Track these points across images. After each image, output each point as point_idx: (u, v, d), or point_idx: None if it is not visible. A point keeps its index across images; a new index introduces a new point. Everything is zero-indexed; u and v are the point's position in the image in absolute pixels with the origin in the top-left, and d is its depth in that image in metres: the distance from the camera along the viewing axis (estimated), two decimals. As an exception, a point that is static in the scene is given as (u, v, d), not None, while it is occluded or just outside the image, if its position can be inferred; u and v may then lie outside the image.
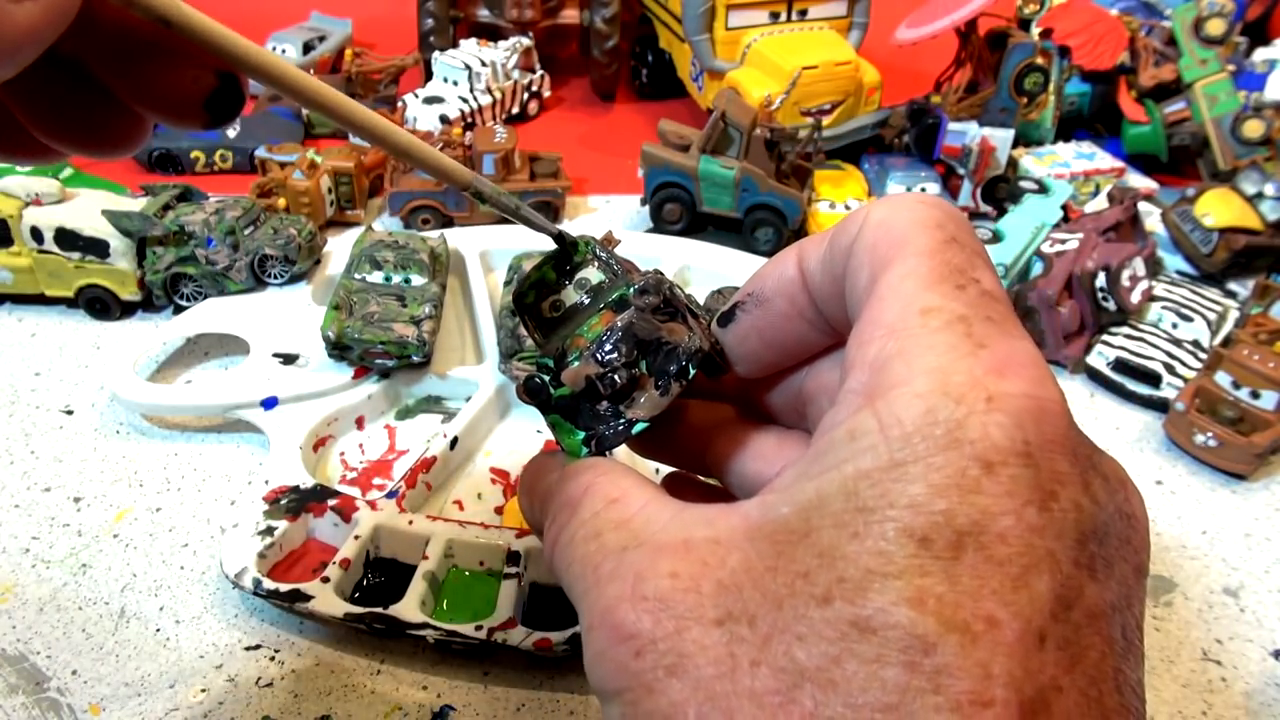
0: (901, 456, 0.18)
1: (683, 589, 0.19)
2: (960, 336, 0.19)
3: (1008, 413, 0.18)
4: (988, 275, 0.21)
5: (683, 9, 0.83)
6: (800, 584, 0.18)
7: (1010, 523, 0.17)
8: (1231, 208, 0.71)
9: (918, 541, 0.17)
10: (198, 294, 0.64)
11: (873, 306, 0.20)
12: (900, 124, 0.83)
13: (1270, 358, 0.55)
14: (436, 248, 0.64)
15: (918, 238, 0.21)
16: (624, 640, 0.20)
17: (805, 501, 0.19)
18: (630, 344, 0.25)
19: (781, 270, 0.25)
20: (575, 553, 0.23)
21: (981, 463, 0.18)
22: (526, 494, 0.27)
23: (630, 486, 0.23)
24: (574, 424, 0.26)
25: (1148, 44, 0.87)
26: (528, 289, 0.29)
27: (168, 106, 0.22)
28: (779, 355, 0.26)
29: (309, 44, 0.98)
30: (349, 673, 0.43)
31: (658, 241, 0.71)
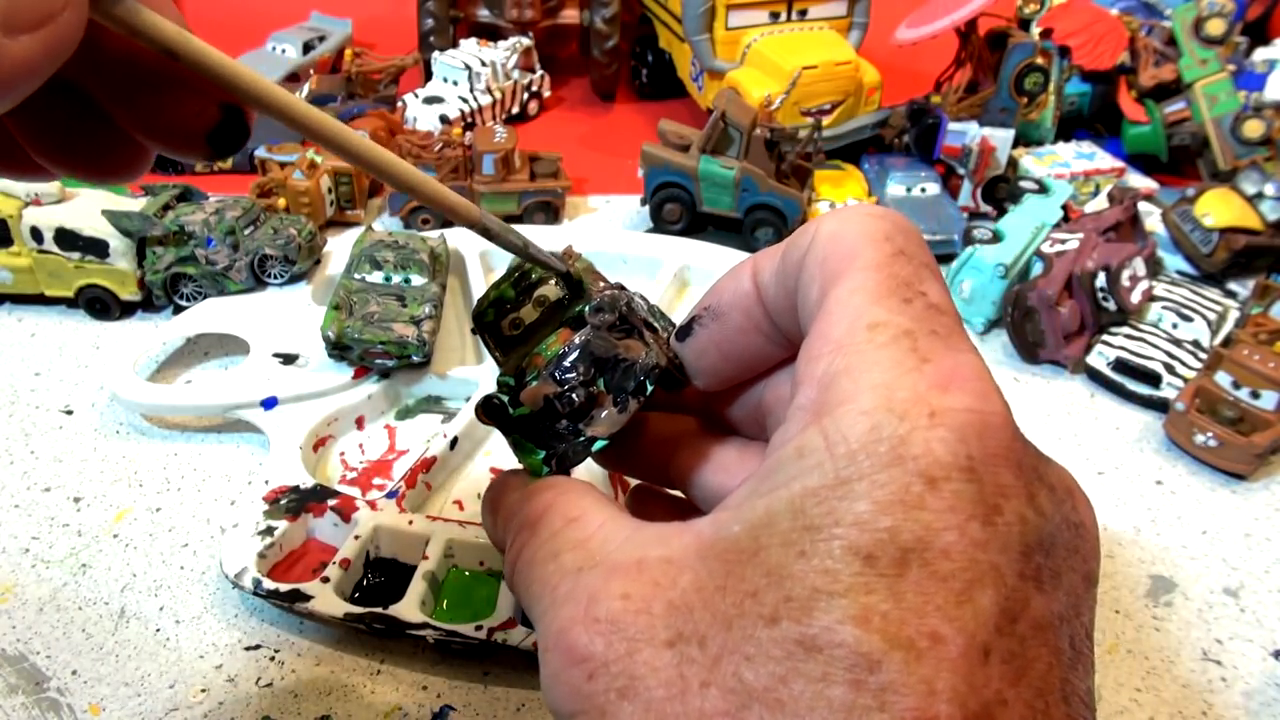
0: (847, 474, 0.18)
1: (634, 610, 0.19)
2: (905, 352, 0.19)
3: (950, 427, 0.18)
4: (935, 288, 0.21)
5: (683, 9, 0.83)
6: (749, 603, 0.18)
7: (954, 538, 0.17)
8: (1231, 208, 0.71)
9: (863, 559, 0.17)
10: (198, 294, 0.64)
11: (821, 321, 0.20)
12: (900, 124, 0.83)
13: (1270, 358, 0.55)
14: (436, 248, 0.64)
15: (866, 251, 0.21)
16: (577, 663, 0.20)
17: (755, 520, 0.19)
18: (587, 362, 0.25)
19: (737, 284, 0.25)
20: (534, 573, 0.23)
21: (925, 478, 0.18)
22: (490, 512, 0.28)
23: (589, 506, 0.23)
24: (535, 443, 0.27)
25: (1148, 44, 0.87)
26: (487, 307, 0.29)
27: (170, 138, 0.22)
28: (737, 368, 0.26)
29: (309, 44, 0.98)
30: (349, 673, 0.43)
31: (658, 241, 0.71)
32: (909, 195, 0.77)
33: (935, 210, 0.75)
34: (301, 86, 0.91)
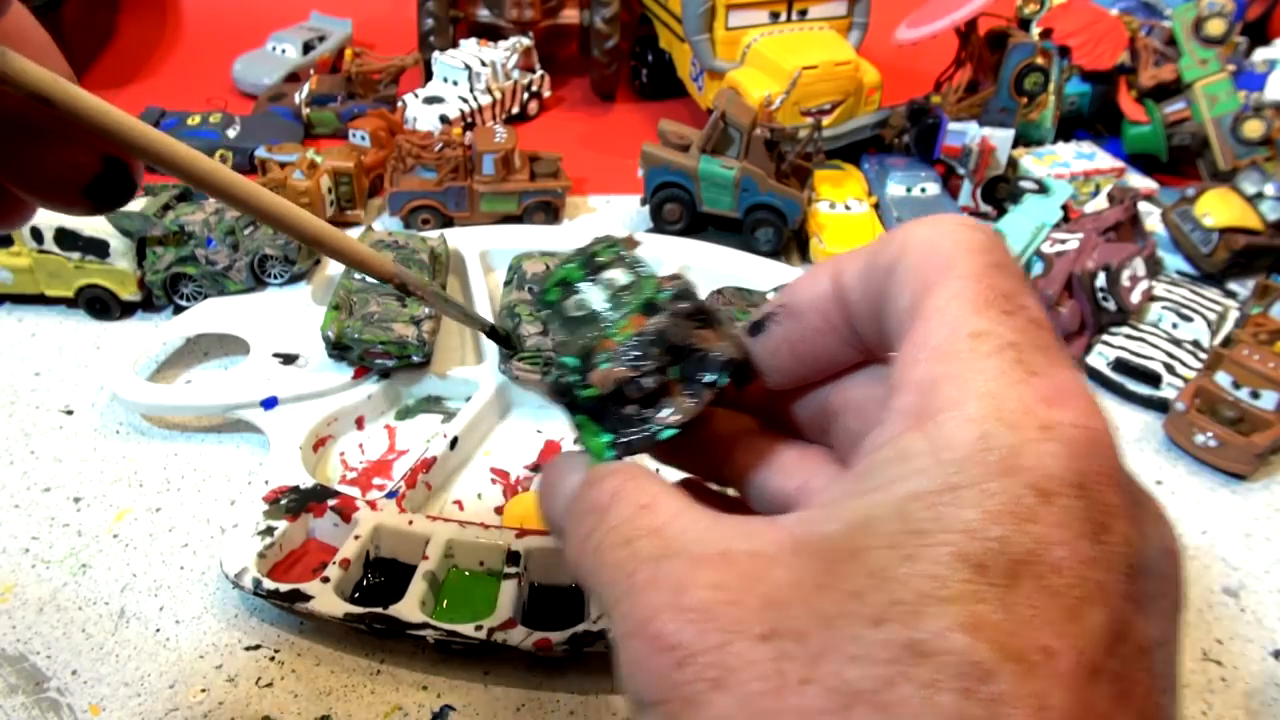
0: (955, 480, 0.18)
1: (726, 601, 0.19)
2: (1011, 363, 0.19)
3: (1062, 442, 0.18)
4: (1033, 302, 0.21)
5: (683, 9, 0.83)
6: (851, 604, 0.18)
7: (1064, 554, 0.17)
8: (1231, 208, 0.71)
9: (972, 567, 0.17)
10: (198, 294, 0.64)
11: (918, 328, 0.20)
12: (900, 124, 0.83)
13: (1270, 358, 0.55)
14: (436, 248, 0.64)
15: (964, 260, 0.21)
16: (664, 650, 0.19)
17: (853, 520, 0.19)
18: (662, 348, 0.25)
19: (816, 284, 0.24)
20: (605, 558, 0.22)
21: (1036, 491, 0.17)
22: (548, 494, 0.27)
23: (659, 493, 0.23)
24: (600, 426, 0.26)
25: (1148, 44, 0.87)
26: (551, 286, 0.28)
27: (45, 189, 0.21)
28: (808, 368, 0.26)
29: (309, 44, 0.98)
30: (349, 673, 0.43)
31: (658, 241, 0.71)
32: (909, 195, 0.77)
33: (935, 210, 0.75)
34: (302, 86, 0.91)
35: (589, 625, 0.42)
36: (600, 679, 0.43)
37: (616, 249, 0.28)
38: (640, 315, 0.26)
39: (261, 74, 0.95)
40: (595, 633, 0.42)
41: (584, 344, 0.27)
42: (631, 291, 0.27)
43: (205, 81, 0.98)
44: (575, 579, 0.24)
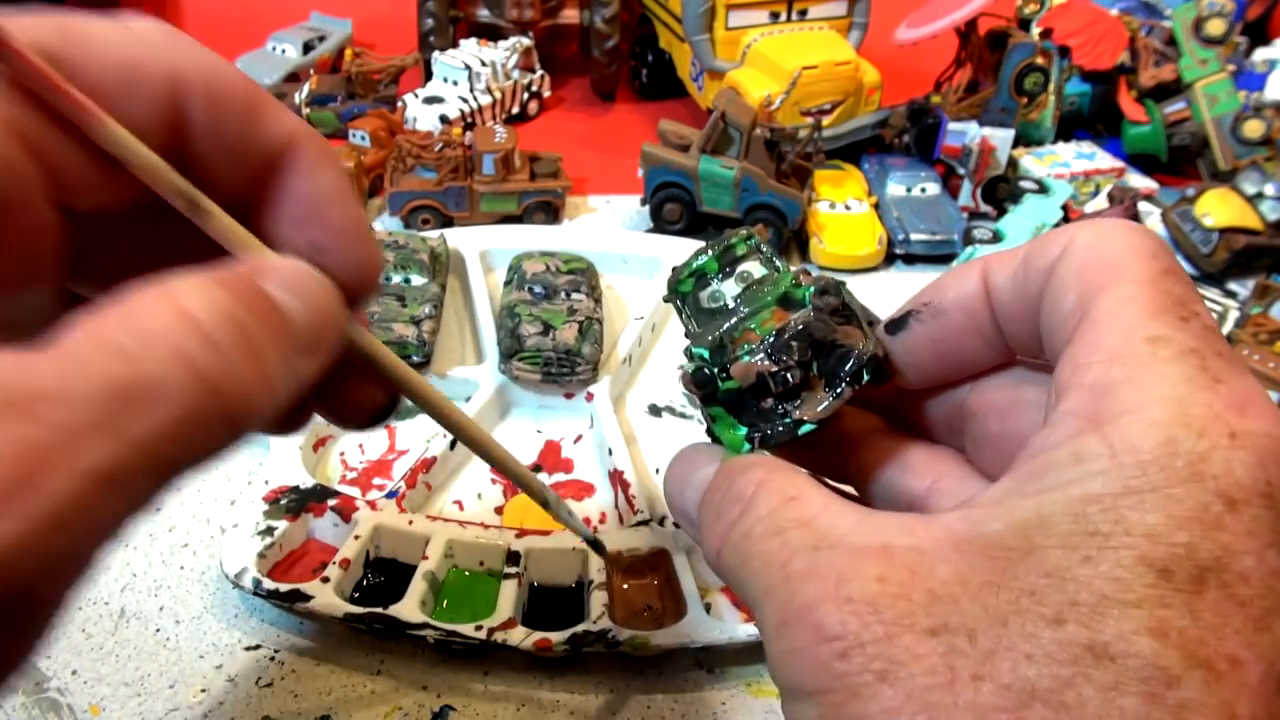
0: (1136, 484, 0.18)
1: (891, 594, 0.19)
2: (1196, 369, 0.19)
3: (1251, 451, 0.18)
4: (1204, 310, 0.21)
5: (683, 9, 0.83)
6: (1027, 602, 0.18)
7: (1252, 563, 0.17)
8: (1231, 208, 0.71)
9: (1157, 572, 0.17)
10: (198, 294, 0.64)
11: (1088, 331, 0.20)
12: (900, 124, 0.83)
13: (1270, 358, 0.55)
14: (436, 248, 0.64)
15: (1134, 265, 0.20)
16: (827, 640, 0.19)
17: (1023, 519, 0.19)
18: (805, 342, 0.25)
19: (963, 283, 0.24)
20: (754, 548, 0.22)
21: (1224, 499, 0.17)
22: (677, 485, 0.27)
23: (805, 486, 0.23)
24: (737, 419, 0.26)
25: (1148, 44, 0.87)
26: (685, 277, 0.29)
27: (345, 415, 0.26)
28: (946, 369, 0.26)
29: (309, 44, 0.98)
30: (349, 673, 0.43)
31: (658, 241, 0.71)
32: (909, 195, 0.77)
33: (935, 210, 0.75)
34: (302, 86, 0.91)
35: (589, 625, 0.42)
36: (600, 679, 0.43)
37: (753, 241, 0.28)
38: (780, 309, 0.26)
39: (261, 74, 0.95)
40: (595, 633, 0.42)
41: (719, 336, 0.26)
42: (767, 285, 0.27)
43: (205, 81, 0.97)
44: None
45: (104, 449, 0.16)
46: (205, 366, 0.17)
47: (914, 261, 0.74)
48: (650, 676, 0.43)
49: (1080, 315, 0.21)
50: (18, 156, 0.19)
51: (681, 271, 0.29)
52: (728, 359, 0.26)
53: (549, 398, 0.58)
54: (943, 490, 0.26)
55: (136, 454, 0.16)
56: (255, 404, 0.18)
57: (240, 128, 0.22)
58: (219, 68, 0.22)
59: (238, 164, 0.22)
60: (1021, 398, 0.25)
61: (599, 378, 0.58)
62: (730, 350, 0.26)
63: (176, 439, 0.17)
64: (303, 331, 0.20)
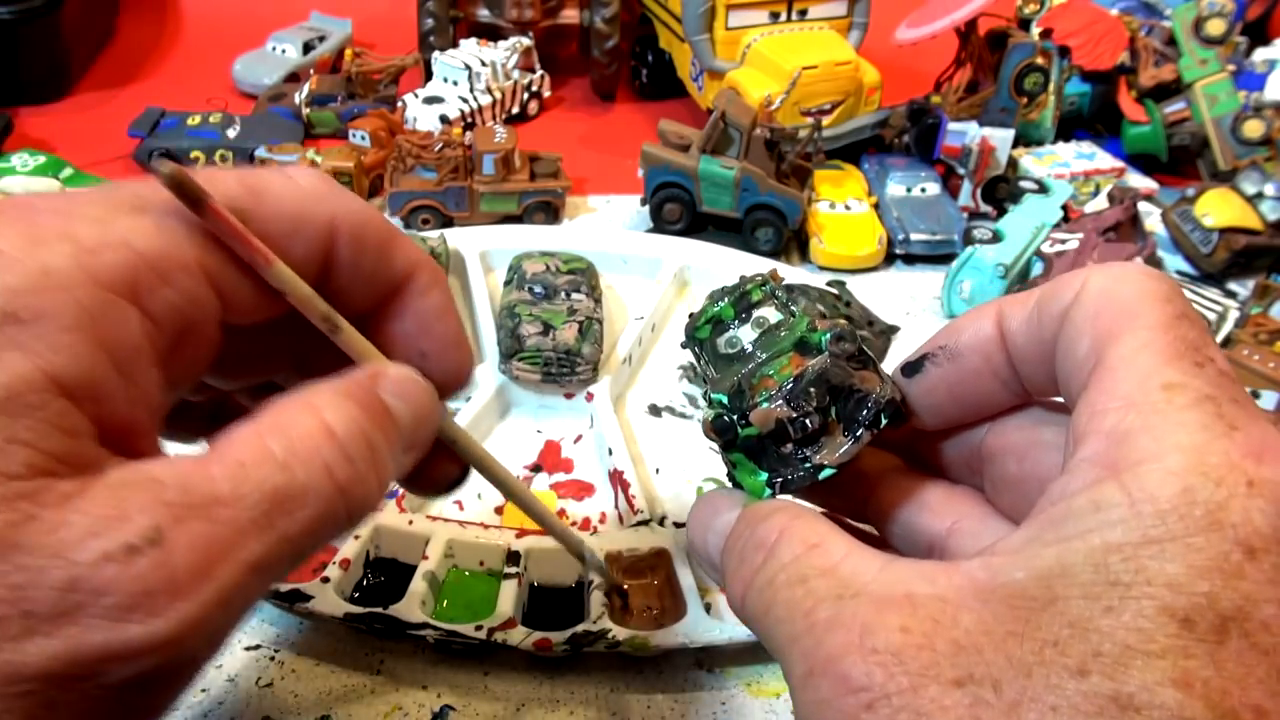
0: (1156, 534, 0.18)
1: (916, 645, 0.19)
2: (1211, 416, 0.19)
3: (1269, 499, 0.18)
4: (1219, 355, 0.21)
5: (683, 9, 0.83)
6: (1050, 653, 0.18)
7: (1274, 611, 0.17)
8: (1231, 208, 0.71)
9: (1179, 622, 0.17)
10: (198, 294, 0.64)
11: (1104, 377, 0.20)
12: (900, 124, 0.83)
13: (1270, 358, 0.55)
14: (436, 248, 0.64)
15: (1148, 310, 0.21)
16: (853, 692, 0.19)
17: (1044, 569, 0.19)
18: (823, 389, 0.25)
19: (978, 326, 0.25)
20: (778, 595, 0.22)
21: (1244, 548, 0.17)
22: (699, 530, 0.27)
23: (827, 532, 0.23)
24: (757, 464, 0.27)
25: (1148, 44, 0.87)
26: (703, 324, 0.29)
27: (424, 486, 0.30)
28: (962, 411, 0.26)
29: (309, 44, 0.98)
30: (349, 673, 0.43)
31: (658, 241, 0.71)
32: (909, 195, 0.77)
33: (935, 210, 0.75)
34: (302, 86, 0.91)
35: (589, 625, 0.42)
36: (600, 679, 0.43)
37: (769, 286, 0.29)
38: (797, 354, 0.27)
39: (261, 74, 0.95)
40: (595, 633, 0.42)
41: (737, 381, 0.27)
42: (783, 330, 0.28)
43: (205, 81, 0.97)
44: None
45: (263, 544, 0.19)
46: (342, 476, 0.21)
47: (914, 261, 0.74)
48: (650, 676, 0.43)
49: (1095, 361, 0.21)
50: (205, 292, 0.22)
51: (699, 318, 0.29)
52: (746, 405, 0.26)
53: (549, 398, 0.58)
54: (963, 531, 0.26)
55: (285, 547, 0.20)
56: (373, 501, 0.22)
57: (376, 262, 0.26)
58: (366, 214, 0.26)
59: (370, 289, 0.27)
60: (1039, 439, 0.25)
61: (599, 378, 0.58)
62: (749, 396, 0.26)
63: (314, 534, 0.21)
64: (408, 431, 0.24)
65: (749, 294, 0.29)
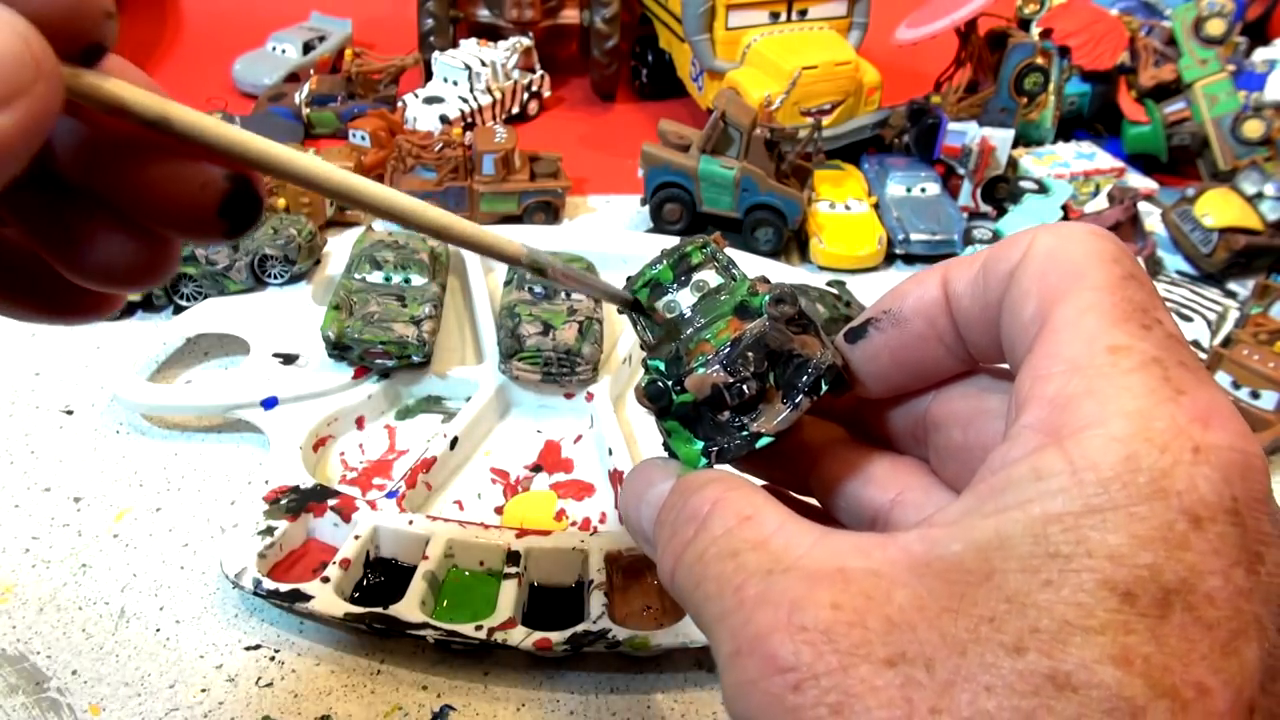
0: (1098, 502, 0.17)
1: (846, 622, 0.18)
2: (1158, 380, 0.18)
3: (1215, 466, 0.17)
4: (1168, 317, 0.20)
5: (683, 9, 0.83)
6: (986, 630, 0.17)
7: (1218, 583, 0.17)
8: (1231, 208, 0.71)
9: (1120, 596, 0.16)
10: (198, 294, 0.64)
11: (1048, 340, 0.20)
12: (900, 124, 0.83)
13: (1270, 358, 0.55)
14: (436, 248, 0.64)
15: (1095, 270, 0.20)
16: (780, 672, 0.18)
17: (982, 540, 0.18)
18: (761, 353, 0.24)
19: (923, 290, 0.24)
20: (708, 570, 0.21)
21: (1189, 517, 0.17)
22: (632, 500, 0.26)
23: (762, 504, 0.22)
24: (692, 433, 0.25)
25: (1148, 44, 0.87)
26: (641, 286, 0.28)
27: (181, 219, 0.21)
28: (907, 377, 0.25)
29: (309, 44, 0.98)
30: (349, 673, 0.43)
31: (658, 241, 0.71)
32: (909, 195, 0.77)
33: (935, 210, 0.75)
34: (302, 86, 0.91)
35: (589, 625, 0.42)
36: (600, 679, 0.43)
37: (709, 249, 0.27)
38: (736, 319, 0.25)
39: (261, 74, 0.95)
40: (595, 633, 0.42)
41: (675, 348, 0.26)
42: (723, 294, 0.27)
43: (205, 81, 0.97)
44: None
45: None
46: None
47: (914, 261, 0.74)
48: (650, 676, 0.43)
49: (1040, 323, 0.20)
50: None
51: (636, 281, 0.28)
52: (682, 371, 0.25)
53: (549, 398, 0.58)
54: (907, 503, 0.25)
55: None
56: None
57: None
58: None
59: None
60: (984, 407, 0.24)
61: (599, 378, 0.58)
62: (685, 362, 0.25)
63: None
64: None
65: (689, 255, 0.27)
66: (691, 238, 0.28)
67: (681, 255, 0.27)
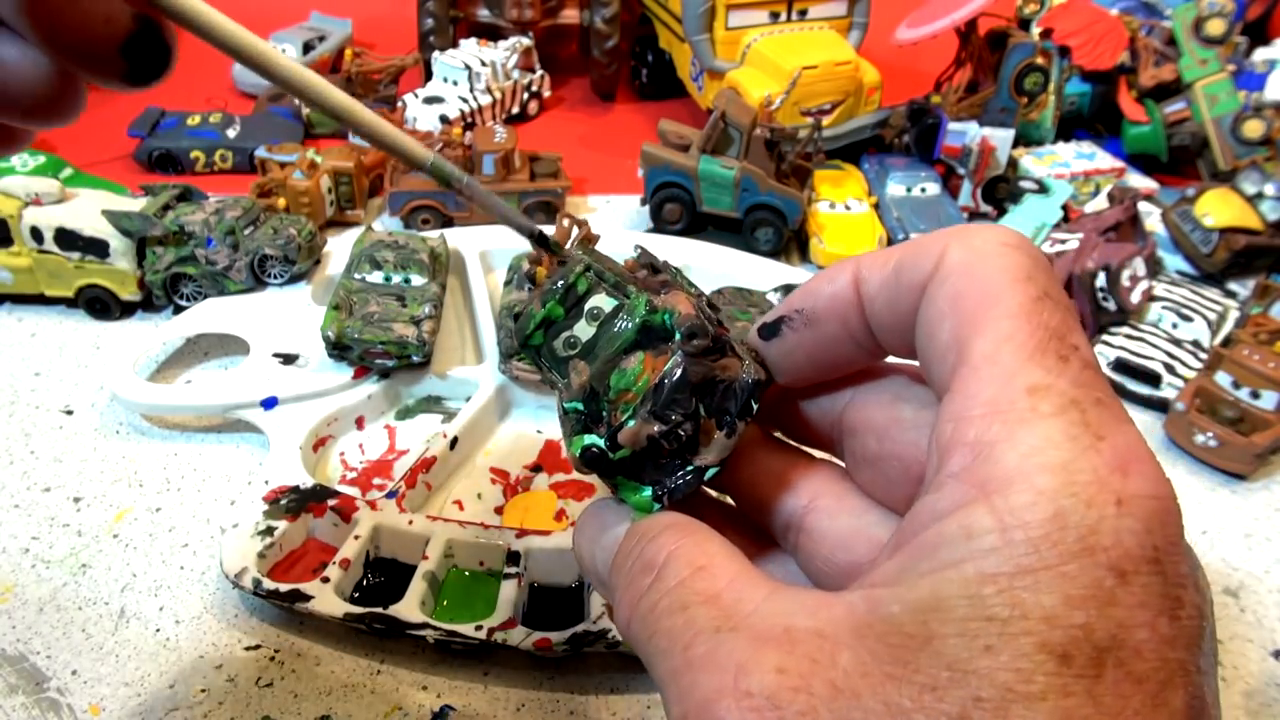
0: (1029, 563, 0.17)
1: (792, 688, 0.18)
2: (1078, 426, 0.18)
3: (1138, 517, 0.18)
4: (1082, 338, 0.20)
5: (683, 9, 0.83)
6: (929, 699, 0.17)
7: (1145, 636, 0.17)
8: (1231, 208, 0.71)
9: (1058, 659, 0.17)
10: (198, 294, 0.64)
11: (966, 378, 0.19)
12: (900, 124, 0.83)
13: (1270, 358, 0.55)
14: (436, 248, 0.64)
15: (1009, 294, 0.20)
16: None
17: (919, 602, 0.18)
18: (686, 392, 0.24)
19: (835, 289, 0.24)
20: (659, 625, 0.21)
21: (1116, 572, 0.17)
22: (587, 545, 0.26)
23: (716, 552, 0.22)
24: (638, 480, 0.25)
25: (1148, 44, 0.87)
26: (534, 330, 0.26)
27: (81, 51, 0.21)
28: (823, 372, 0.26)
29: (309, 44, 0.98)
30: (349, 673, 0.43)
31: (658, 241, 0.71)
32: (909, 195, 0.77)
33: (935, 210, 0.75)
34: (301, 86, 0.91)
35: (589, 625, 0.42)
36: (600, 679, 0.43)
37: (592, 270, 0.26)
38: (650, 356, 0.25)
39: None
40: (595, 633, 0.42)
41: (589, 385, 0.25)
42: (622, 315, 0.26)
43: (205, 81, 0.97)
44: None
45: None
46: None
47: (914, 261, 0.74)
48: (650, 676, 0.43)
49: (957, 355, 0.20)
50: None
51: (527, 325, 0.26)
52: (609, 419, 0.25)
53: (549, 398, 0.58)
54: (820, 509, 0.26)
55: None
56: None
57: None
58: None
59: None
60: (899, 416, 0.24)
61: (599, 378, 0.58)
62: (611, 413, 0.25)
63: None
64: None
65: (574, 286, 0.26)
66: (570, 264, 0.26)
67: (568, 287, 0.26)
